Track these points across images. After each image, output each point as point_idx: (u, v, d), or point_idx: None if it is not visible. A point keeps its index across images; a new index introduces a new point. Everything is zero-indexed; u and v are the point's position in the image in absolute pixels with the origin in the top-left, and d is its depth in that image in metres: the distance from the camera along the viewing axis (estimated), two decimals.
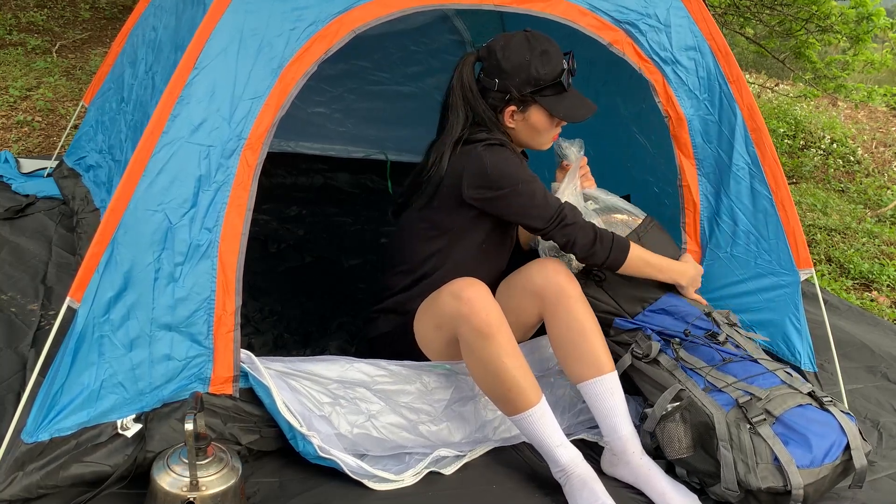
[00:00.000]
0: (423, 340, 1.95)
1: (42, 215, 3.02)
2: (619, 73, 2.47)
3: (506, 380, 1.79)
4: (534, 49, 1.93)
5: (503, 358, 1.78)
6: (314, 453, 1.75)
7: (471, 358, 1.83)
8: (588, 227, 1.94)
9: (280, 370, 1.82)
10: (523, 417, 1.80)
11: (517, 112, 1.98)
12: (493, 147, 1.92)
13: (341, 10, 1.83)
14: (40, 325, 2.29)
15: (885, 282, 3.86)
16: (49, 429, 1.61)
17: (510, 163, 1.92)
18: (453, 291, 1.84)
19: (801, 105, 6.85)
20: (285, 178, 3.65)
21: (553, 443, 1.80)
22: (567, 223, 1.92)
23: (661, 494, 1.80)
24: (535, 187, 1.92)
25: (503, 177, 1.90)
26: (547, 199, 1.93)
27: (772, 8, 5.68)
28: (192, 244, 1.71)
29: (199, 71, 1.72)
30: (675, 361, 1.96)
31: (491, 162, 1.90)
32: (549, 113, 1.97)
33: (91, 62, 5.43)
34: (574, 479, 1.77)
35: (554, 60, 1.95)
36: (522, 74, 1.93)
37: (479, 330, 1.78)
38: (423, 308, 1.95)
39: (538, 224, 1.93)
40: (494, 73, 1.95)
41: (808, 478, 1.74)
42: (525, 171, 1.94)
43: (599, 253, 1.94)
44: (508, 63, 1.93)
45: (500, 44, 1.96)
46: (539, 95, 1.95)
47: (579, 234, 1.92)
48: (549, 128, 2.01)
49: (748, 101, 2.26)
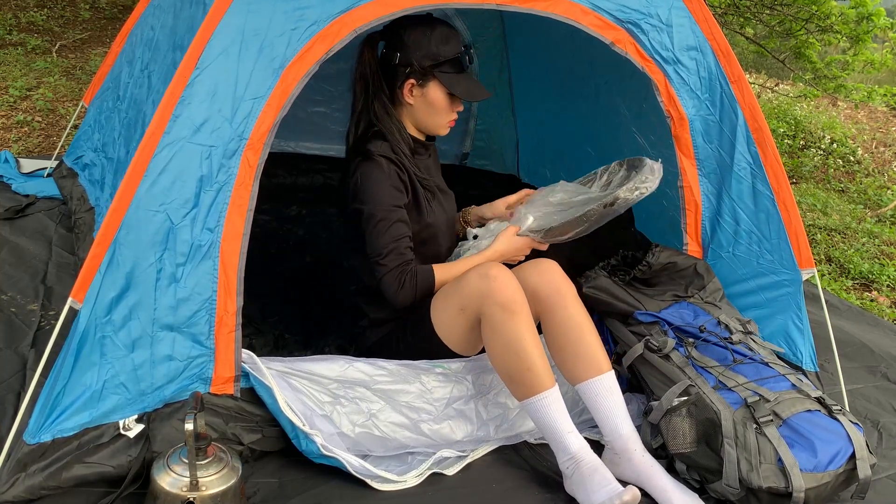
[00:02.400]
0: (444, 328, 1.96)
1: (42, 215, 3.02)
2: (619, 73, 2.47)
3: (525, 358, 1.81)
4: (434, 28, 2.00)
5: (525, 335, 1.82)
6: (317, 452, 1.75)
7: (493, 335, 1.85)
8: (394, 274, 1.94)
9: (280, 370, 1.82)
10: (537, 400, 1.81)
11: (416, 86, 2.02)
12: (363, 161, 1.96)
13: (342, 10, 1.83)
14: (40, 325, 2.29)
15: (885, 282, 3.86)
16: (51, 430, 1.61)
17: (375, 178, 1.95)
18: (480, 272, 1.88)
19: (801, 105, 6.86)
20: (285, 179, 3.64)
21: (564, 429, 1.81)
22: (381, 263, 1.94)
23: (663, 492, 1.80)
24: (381, 214, 1.94)
25: (361, 189, 1.95)
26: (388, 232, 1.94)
27: (772, 8, 5.68)
28: (193, 244, 1.71)
29: (201, 71, 1.72)
30: (687, 359, 1.97)
31: (357, 175, 1.96)
32: (448, 90, 2.01)
33: (91, 62, 5.43)
34: (584, 466, 1.78)
35: (453, 41, 2.02)
36: (423, 49, 1.98)
37: (505, 306, 1.82)
38: (443, 294, 1.97)
39: (368, 251, 1.96)
40: (396, 48, 2.01)
41: (810, 482, 1.74)
42: (382, 193, 1.95)
43: (406, 294, 1.95)
44: (409, 38, 1.99)
45: (402, 22, 2.00)
46: (438, 71, 2.00)
47: (386, 277, 1.94)
48: (446, 107, 2.05)
49: (750, 100, 2.26)
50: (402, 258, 1.95)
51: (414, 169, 2.05)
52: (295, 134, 3.76)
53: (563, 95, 3.23)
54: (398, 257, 1.95)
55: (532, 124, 3.50)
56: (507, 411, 2.00)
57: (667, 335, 2.05)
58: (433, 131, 2.12)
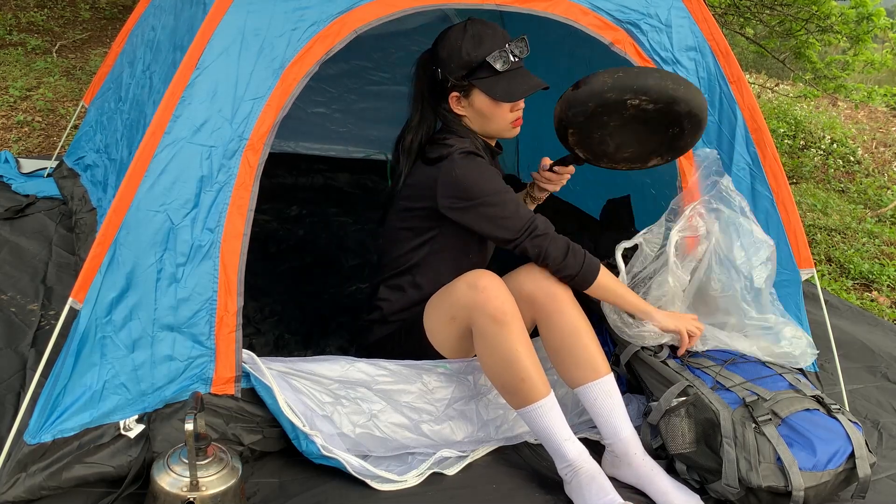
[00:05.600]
0: (435, 334, 1.95)
1: (42, 215, 3.02)
2: None
3: (518, 369, 1.79)
4: (466, 33, 1.94)
5: (517, 346, 1.80)
6: (317, 452, 1.75)
7: (484, 347, 1.83)
8: (560, 240, 1.91)
9: (281, 370, 1.82)
10: (533, 409, 1.80)
11: (462, 98, 1.98)
12: (466, 156, 1.92)
13: (342, 10, 1.83)
14: (40, 325, 2.29)
15: (885, 282, 3.86)
16: (52, 430, 1.61)
17: (481, 173, 1.91)
18: (469, 281, 1.85)
19: (801, 105, 6.86)
20: (286, 179, 3.65)
21: (562, 437, 1.80)
22: (538, 234, 1.90)
23: (664, 494, 1.80)
24: (505, 198, 1.91)
25: (473, 187, 1.89)
26: (518, 210, 1.91)
27: (772, 8, 5.68)
28: (193, 245, 1.71)
29: (201, 71, 1.72)
30: (683, 366, 1.98)
31: (461, 172, 1.89)
32: (487, 95, 1.95)
33: (91, 62, 5.43)
34: (582, 475, 1.77)
35: (486, 43, 1.93)
36: (456, 59, 1.93)
37: (495, 317, 1.80)
38: (434, 302, 1.95)
39: (508, 235, 1.91)
40: (436, 63, 1.98)
41: (809, 481, 1.74)
42: (496, 182, 1.93)
43: (572, 265, 1.90)
44: (444, 50, 1.95)
45: (440, 35, 1.98)
46: (474, 78, 1.94)
47: (550, 245, 1.90)
48: (495, 111, 1.97)
49: (749, 101, 2.26)
50: (550, 226, 1.92)
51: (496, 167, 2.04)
52: (295, 134, 3.77)
53: None
54: (547, 225, 1.92)
55: (532, 124, 3.49)
56: (508, 412, 2.00)
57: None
58: (498, 135, 2.04)
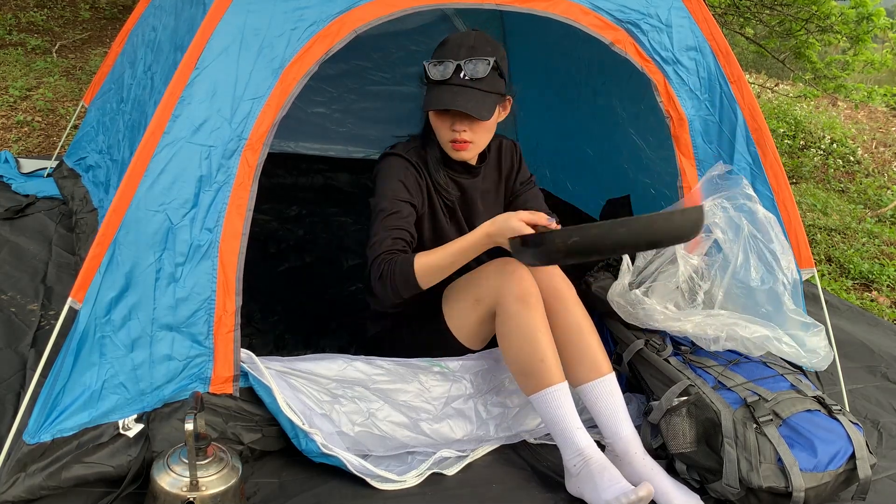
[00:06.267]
0: (454, 319, 1.98)
1: (42, 215, 3.02)
2: (617, 74, 2.47)
3: (539, 349, 1.82)
4: (448, 39, 1.93)
5: (540, 326, 1.84)
6: (317, 451, 1.75)
7: (508, 327, 1.86)
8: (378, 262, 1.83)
9: (279, 369, 1.82)
10: (548, 393, 1.81)
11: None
12: (387, 155, 1.99)
13: (342, 10, 1.83)
14: (40, 325, 2.29)
15: (885, 282, 3.86)
16: (51, 429, 1.61)
17: (386, 173, 1.95)
18: (497, 265, 1.92)
19: (801, 105, 6.86)
20: (285, 179, 3.65)
21: (573, 425, 1.81)
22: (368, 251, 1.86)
23: (665, 495, 1.80)
24: (383, 205, 1.90)
25: (376, 181, 1.97)
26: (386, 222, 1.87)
27: (772, 8, 5.68)
28: (192, 244, 1.71)
29: (201, 71, 1.72)
30: (685, 364, 1.98)
31: (376, 168, 1.99)
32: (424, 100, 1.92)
33: (91, 62, 5.43)
34: (593, 464, 1.77)
35: (442, 51, 1.91)
36: (425, 69, 1.92)
37: (521, 297, 1.84)
38: (457, 287, 1.98)
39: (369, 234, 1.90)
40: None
41: (810, 481, 1.74)
42: (390, 186, 1.91)
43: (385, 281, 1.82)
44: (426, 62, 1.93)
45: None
46: (425, 83, 1.92)
47: (371, 265, 1.85)
48: (436, 123, 1.94)
49: (749, 101, 2.26)
50: (389, 247, 1.85)
51: (439, 179, 2.00)
52: (295, 134, 3.77)
53: (562, 96, 3.23)
54: (386, 246, 1.86)
55: (531, 125, 3.50)
56: (507, 410, 2.00)
57: (665, 340, 2.06)
58: (446, 150, 1.98)
